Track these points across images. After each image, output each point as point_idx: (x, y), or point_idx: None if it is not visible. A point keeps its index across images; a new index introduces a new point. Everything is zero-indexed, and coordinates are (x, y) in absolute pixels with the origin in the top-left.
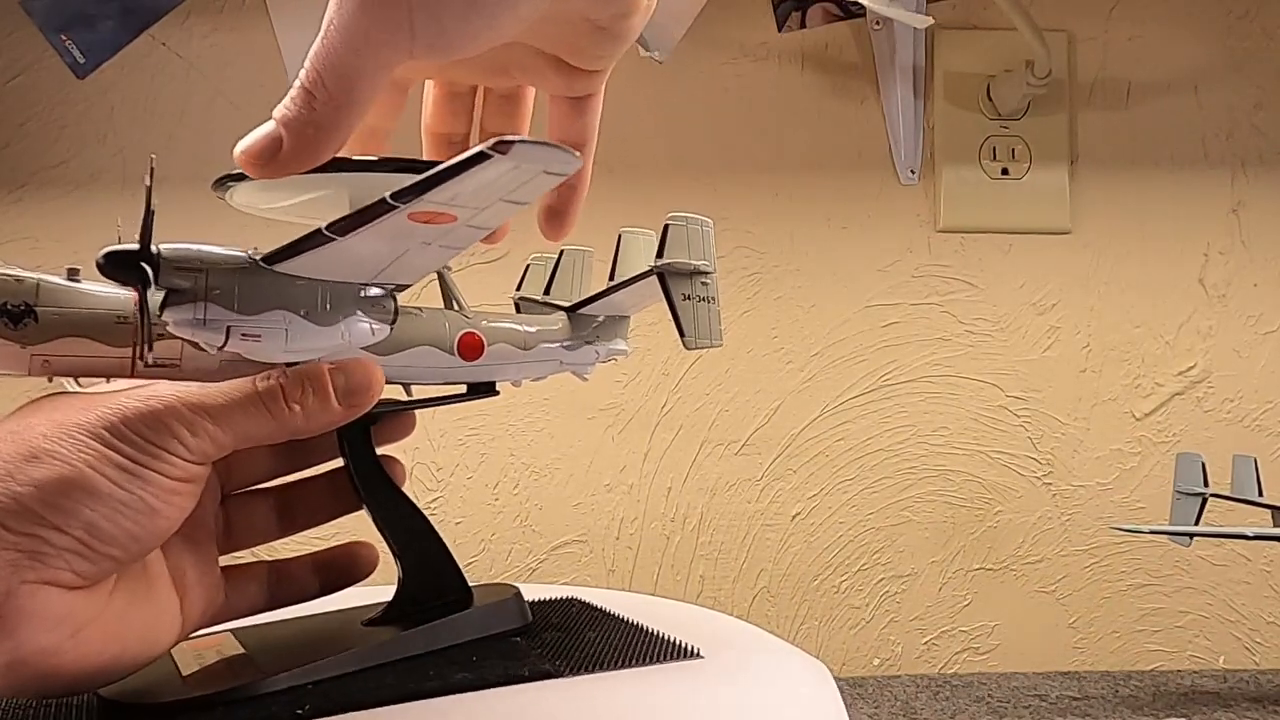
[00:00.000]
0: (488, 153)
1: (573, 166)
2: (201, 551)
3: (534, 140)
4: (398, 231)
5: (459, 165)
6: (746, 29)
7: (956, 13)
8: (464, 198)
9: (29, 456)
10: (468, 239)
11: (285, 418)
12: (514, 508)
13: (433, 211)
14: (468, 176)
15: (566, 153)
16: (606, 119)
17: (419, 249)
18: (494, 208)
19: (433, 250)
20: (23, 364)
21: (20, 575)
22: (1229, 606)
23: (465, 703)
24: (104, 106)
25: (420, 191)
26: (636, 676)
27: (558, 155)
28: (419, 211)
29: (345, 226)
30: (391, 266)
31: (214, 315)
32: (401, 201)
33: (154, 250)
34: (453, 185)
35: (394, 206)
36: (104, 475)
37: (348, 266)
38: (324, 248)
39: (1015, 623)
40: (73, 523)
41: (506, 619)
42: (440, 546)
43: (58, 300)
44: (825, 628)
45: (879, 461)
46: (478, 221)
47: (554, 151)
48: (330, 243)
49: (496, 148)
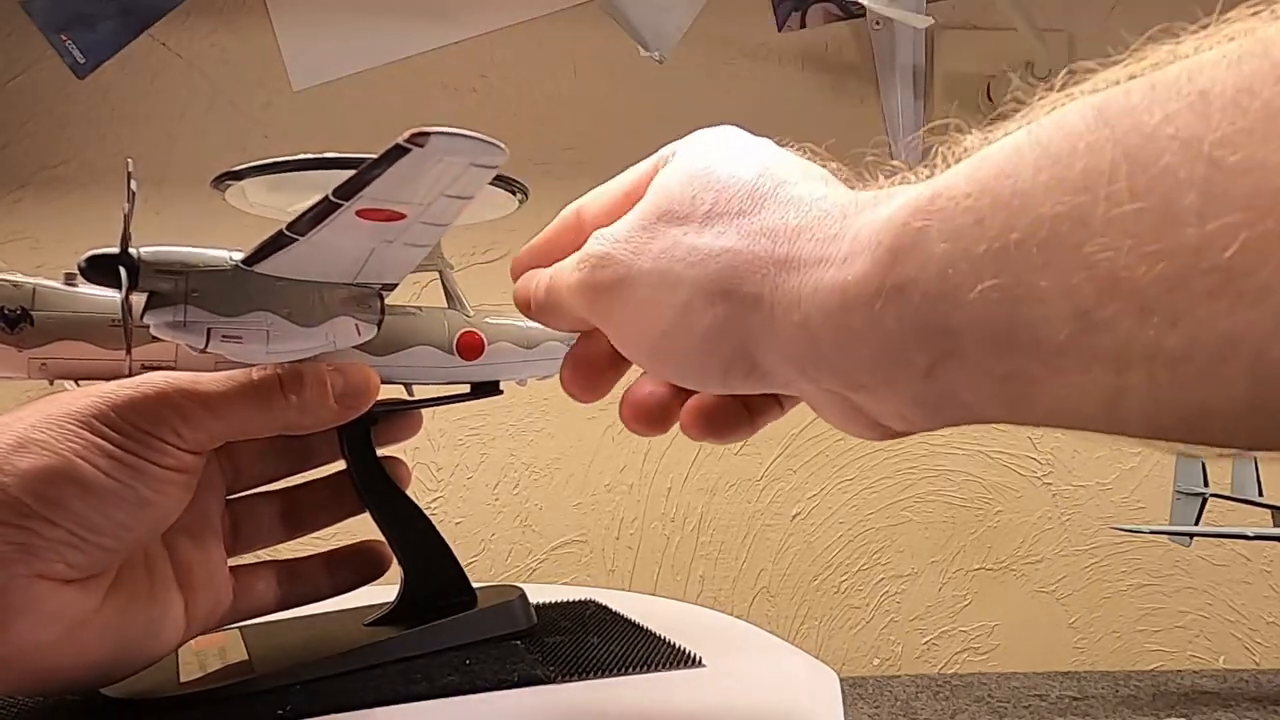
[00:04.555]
0: (405, 145)
1: (499, 158)
2: (208, 551)
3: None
4: (355, 229)
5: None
6: (746, 29)
7: (956, 13)
8: (405, 194)
9: (16, 446)
10: (428, 236)
11: (280, 409)
12: (514, 508)
13: (379, 209)
14: (395, 171)
15: (489, 143)
16: (606, 118)
17: (385, 247)
18: (439, 204)
19: (399, 248)
20: (20, 367)
21: (11, 569)
22: (1229, 606)
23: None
24: (104, 106)
25: (356, 187)
26: (629, 684)
27: (480, 146)
28: (366, 209)
29: (303, 226)
30: (367, 266)
31: (194, 317)
32: (342, 198)
33: (134, 253)
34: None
35: (338, 204)
36: (93, 464)
37: (324, 266)
38: (294, 248)
39: (1015, 623)
40: (62, 513)
41: (509, 622)
42: (443, 547)
43: (54, 304)
44: (825, 628)
45: (879, 461)
46: (430, 218)
47: (475, 143)
48: (296, 242)
49: (413, 139)
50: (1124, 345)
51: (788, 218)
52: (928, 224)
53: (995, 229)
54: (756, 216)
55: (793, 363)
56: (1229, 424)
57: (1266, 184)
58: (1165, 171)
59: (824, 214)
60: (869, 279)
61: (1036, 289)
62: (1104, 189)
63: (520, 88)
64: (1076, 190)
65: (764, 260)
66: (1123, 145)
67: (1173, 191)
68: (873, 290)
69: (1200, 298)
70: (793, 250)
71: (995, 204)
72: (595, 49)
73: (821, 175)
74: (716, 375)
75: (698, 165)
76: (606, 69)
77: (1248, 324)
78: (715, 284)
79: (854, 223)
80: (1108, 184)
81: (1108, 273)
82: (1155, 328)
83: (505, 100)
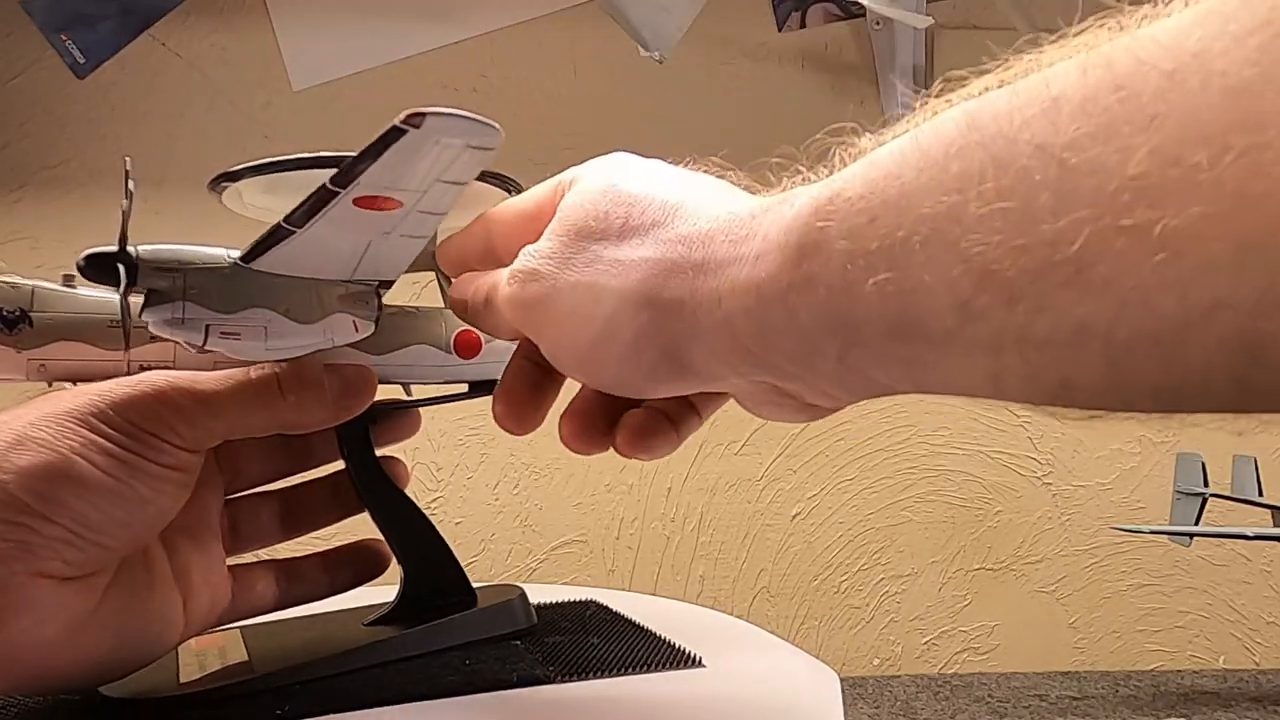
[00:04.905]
0: (401, 126)
1: (495, 139)
2: (207, 550)
3: (448, 111)
4: (352, 220)
5: (378, 142)
6: (746, 29)
7: (956, 13)
8: (402, 180)
9: (14, 443)
10: (424, 226)
11: (278, 408)
12: (514, 508)
13: (376, 196)
14: (391, 155)
15: (485, 124)
16: (606, 118)
17: (382, 240)
18: (434, 190)
19: (395, 240)
20: (19, 368)
21: (9, 566)
22: (1229, 606)
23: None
24: (104, 106)
25: (354, 173)
26: (629, 684)
27: (476, 127)
28: (362, 197)
29: (300, 217)
30: (364, 260)
31: (192, 314)
32: (339, 186)
33: (132, 251)
34: (383, 165)
35: (335, 192)
36: (91, 462)
37: (321, 261)
38: (292, 242)
39: (1015, 623)
40: (60, 511)
41: (509, 621)
42: (442, 547)
43: (52, 305)
44: (825, 628)
45: (879, 462)
46: (425, 206)
47: (471, 123)
48: (293, 236)
49: (409, 120)
50: (998, 331)
51: (699, 224)
52: (829, 223)
53: (885, 227)
54: (670, 227)
55: (720, 358)
56: (1093, 395)
57: (1105, 183)
58: (1024, 173)
59: (733, 216)
60: (780, 275)
61: (922, 282)
62: (974, 189)
63: (520, 87)
64: (951, 190)
65: (682, 266)
66: (990, 149)
67: (1031, 191)
68: (784, 285)
69: (1057, 287)
70: (708, 254)
71: (885, 204)
72: (595, 49)
73: (723, 185)
74: (647, 378)
75: (603, 185)
76: (606, 69)
77: (1095, 310)
78: (638, 293)
79: (762, 222)
80: (978, 184)
81: (980, 266)
82: (1022, 315)
83: (505, 100)
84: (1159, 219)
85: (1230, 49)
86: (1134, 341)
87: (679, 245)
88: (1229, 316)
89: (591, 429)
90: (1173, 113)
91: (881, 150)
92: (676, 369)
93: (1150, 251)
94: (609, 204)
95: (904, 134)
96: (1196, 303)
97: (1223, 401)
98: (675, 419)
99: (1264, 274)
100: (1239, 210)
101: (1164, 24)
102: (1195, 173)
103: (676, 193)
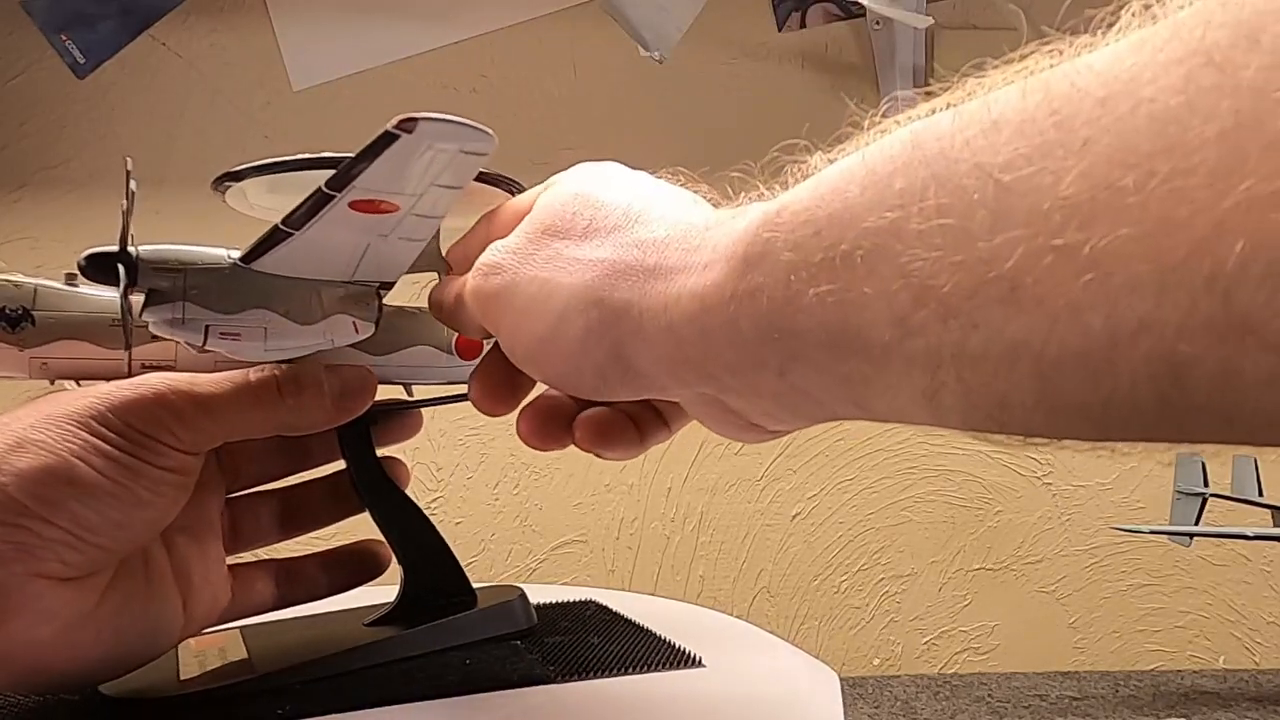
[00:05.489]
0: (394, 131)
1: (488, 144)
2: (206, 549)
3: (440, 116)
4: (349, 223)
5: (372, 146)
6: (746, 29)
7: (956, 13)
8: (396, 184)
9: (14, 446)
10: (422, 230)
11: (277, 411)
12: (514, 508)
13: (372, 200)
14: (385, 159)
15: (477, 129)
16: (606, 119)
17: (380, 242)
18: (431, 194)
19: (394, 243)
20: (22, 366)
21: (8, 567)
22: (1229, 606)
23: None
24: (104, 106)
25: (348, 178)
26: (629, 684)
27: (468, 132)
28: (359, 200)
29: (298, 220)
30: (364, 263)
31: (192, 315)
32: (335, 189)
33: (132, 251)
34: (377, 170)
35: (331, 195)
36: (90, 465)
37: (320, 263)
38: (291, 244)
39: (1015, 623)
40: (59, 513)
41: (509, 622)
42: (443, 547)
43: (55, 304)
44: (825, 628)
45: (879, 461)
46: (422, 209)
47: (463, 128)
48: (292, 238)
49: (402, 125)
50: (935, 347)
51: (657, 232)
52: (775, 235)
53: (829, 240)
54: (629, 231)
55: (663, 365)
56: (1025, 416)
57: (1038, 203)
58: (963, 191)
59: (690, 227)
60: (724, 284)
61: (863, 295)
62: (916, 205)
63: (520, 88)
64: (894, 206)
65: (634, 269)
66: (931, 167)
67: (969, 209)
68: (728, 295)
69: (991, 304)
70: (660, 260)
71: (830, 217)
72: (595, 49)
73: (691, 198)
74: (592, 378)
75: (578, 188)
76: (606, 69)
77: (1028, 328)
78: (589, 291)
79: (714, 234)
80: (919, 201)
81: (919, 282)
82: (958, 331)
83: (505, 100)
84: (1087, 239)
85: (1159, 76)
86: (1064, 359)
87: (634, 249)
88: (1153, 337)
89: (548, 425)
90: (1103, 137)
91: (831, 168)
92: (623, 372)
93: (1079, 271)
94: (578, 205)
95: (854, 153)
96: (1122, 322)
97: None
98: (639, 422)
99: (1186, 297)
100: (1163, 233)
101: (1101, 52)
102: (1123, 195)
103: (643, 201)
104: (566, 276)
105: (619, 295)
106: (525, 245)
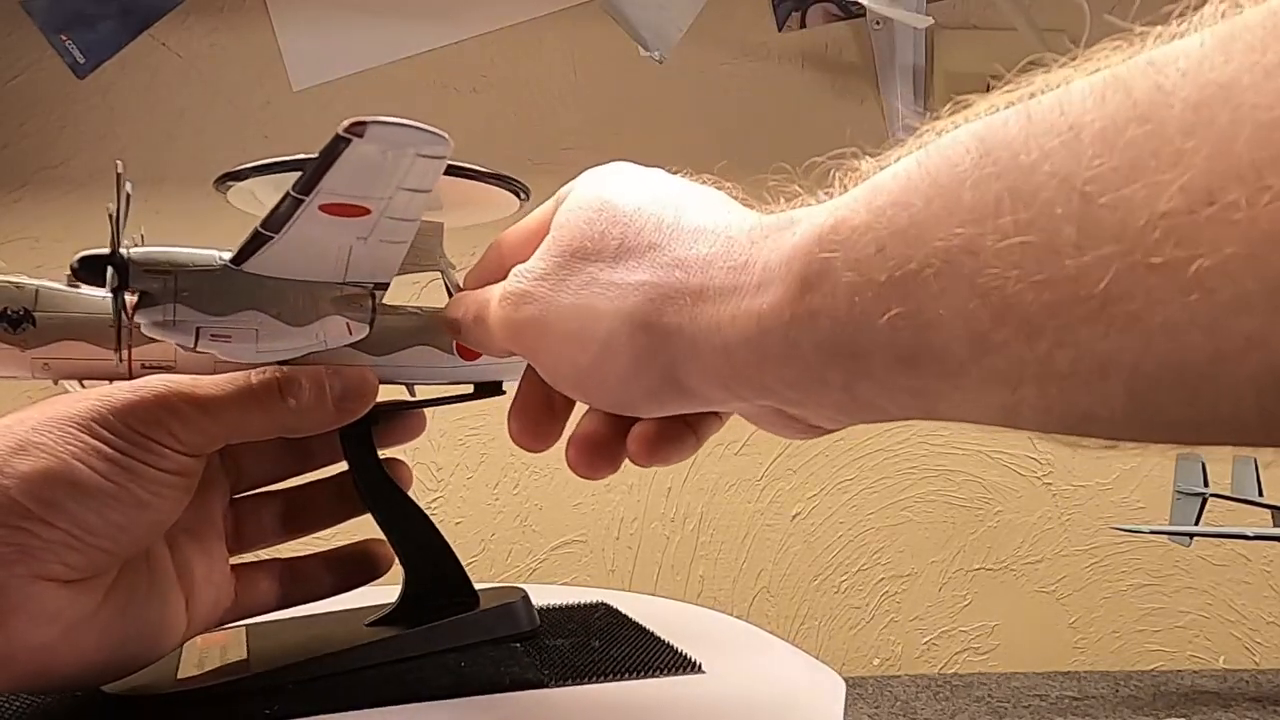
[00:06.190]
0: (344, 135)
1: (443, 148)
2: (209, 550)
3: (389, 120)
4: (324, 225)
5: (324, 151)
6: (746, 29)
7: (956, 13)
8: (360, 187)
9: (16, 449)
10: (400, 232)
11: (278, 412)
12: (514, 508)
13: (340, 204)
14: (344, 163)
15: (430, 132)
16: (606, 118)
17: (361, 245)
18: (399, 198)
19: (373, 245)
20: (24, 367)
21: (10, 569)
22: (1229, 606)
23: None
24: (104, 106)
25: (311, 182)
26: (625, 689)
27: (421, 135)
28: (328, 204)
29: (275, 223)
30: (352, 264)
31: (183, 316)
32: (302, 193)
33: (123, 254)
34: (338, 173)
35: (300, 199)
36: (91, 467)
37: (308, 264)
38: (273, 246)
39: (1015, 623)
40: (60, 516)
41: (510, 623)
42: (444, 548)
43: (56, 305)
44: (825, 628)
45: (879, 462)
46: (394, 213)
47: (415, 131)
48: (272, 241)
49: (351, 129)
50: (1016, 365)
51: (698, 248)
52: (833, 254)
53: (895, 259)
54: (667, 249)
55: (719, 384)
56: (1111, 428)
57: (1133, 220)
58: (1045, 206)
59: (731, 241)
60: (782, 307)
61: (936, 315)
62: (991, 222)
63: (520, 88)
64: (966, 222)
65: (680, 292)
66: (1005, 180)
67: (1053, 225)
68: (787, 318)
69: (1081, 322)
70: (706, 280)
71: (893, 234)
72: (595, 48)
73: (721, 199)
74: (645, 400)
75: (597, 200)
76: (606, 68)
77: (1121, 346)
78: (635, 317)
79: (762, 250)
80: (994, 217)
81: (999, 300)
82: (1043, 349)
83: (505, 100)
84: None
85: (1261, 82)
86: (1160, 376)
87: (676, 270)
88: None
89: (600, 452)
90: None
91: (885, 175)
92: (677, 392)
93: (1183, 290)
94: (605, 223)
95: (908, 157)
96: (1227, 340)
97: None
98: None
99: None
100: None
101: (1183, 50)
102: (1231, 211)
103: (672, 209)
104: (607, 303)
105: (667, 320)
106: (555, 270)
